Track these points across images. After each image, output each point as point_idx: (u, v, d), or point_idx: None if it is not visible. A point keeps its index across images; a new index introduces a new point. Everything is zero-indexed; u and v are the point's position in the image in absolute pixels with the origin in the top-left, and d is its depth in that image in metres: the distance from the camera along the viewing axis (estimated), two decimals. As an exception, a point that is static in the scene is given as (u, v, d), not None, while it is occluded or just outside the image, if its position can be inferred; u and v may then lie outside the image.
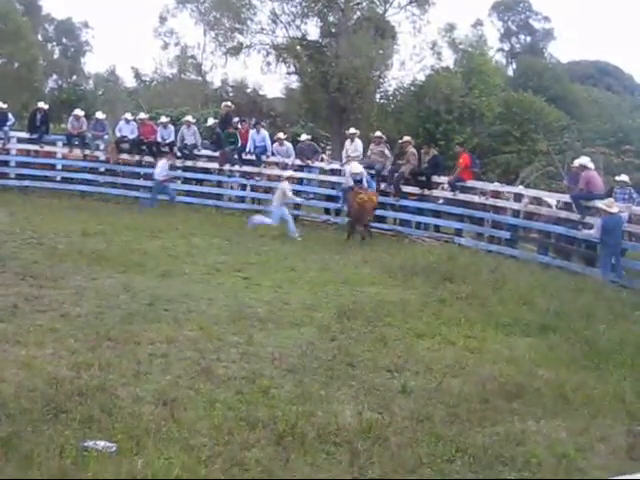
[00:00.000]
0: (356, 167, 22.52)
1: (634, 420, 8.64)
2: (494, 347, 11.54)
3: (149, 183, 25.52)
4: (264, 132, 26.27)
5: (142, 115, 27.69)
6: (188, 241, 18.76)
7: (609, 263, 17.68)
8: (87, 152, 26.56)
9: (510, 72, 52.78)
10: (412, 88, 39.77)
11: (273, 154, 25.46)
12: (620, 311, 14.30)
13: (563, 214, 20.00)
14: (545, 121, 40.43)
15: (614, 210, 17.67)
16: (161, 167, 24.53)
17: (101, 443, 6.86)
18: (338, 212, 24.19)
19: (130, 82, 54.59)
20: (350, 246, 19.88)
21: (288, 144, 25.87)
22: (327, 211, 25.07)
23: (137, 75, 50.80)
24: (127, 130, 26.49)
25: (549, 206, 20.77)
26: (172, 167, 25.56)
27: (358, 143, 24.55)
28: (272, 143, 25.68)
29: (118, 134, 26.62)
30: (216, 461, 6.84)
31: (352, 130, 25.17)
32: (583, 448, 7.86)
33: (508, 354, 11.16)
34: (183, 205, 24.78)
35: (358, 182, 22.08)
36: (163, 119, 27.21)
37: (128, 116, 27.36)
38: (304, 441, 7.36)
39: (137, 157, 26.29)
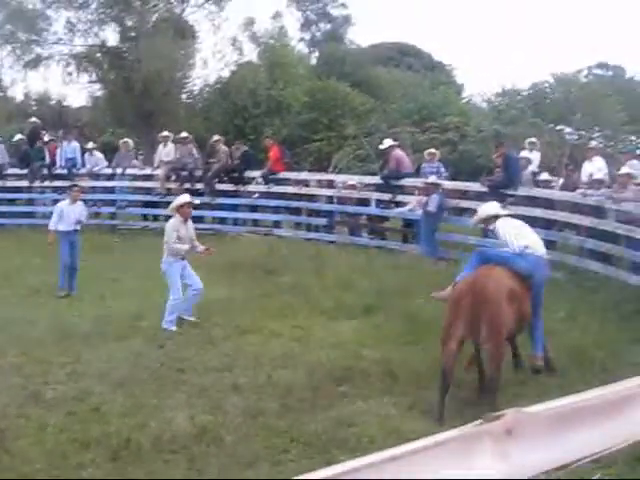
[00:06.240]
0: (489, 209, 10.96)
1: (457, 388, 9.08)
2: (320, 334, 11.83)
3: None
4: (75, 143, 25.61)
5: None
6: (4, 263, 18.18)
7: (430, 237, 18.27)
8: None
9: (313, 61, 53.40)
10: (217, 85, 39.81)
11: (84, 165, 24.90)
12: (438, 283, 14.84)
13: (375, 195, 20.57)
14: (351, 106, 41.13)
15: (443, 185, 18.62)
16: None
17: None
18: (156, 217, 23.85)
19: None
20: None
21: (98, 154, 25.35)
22: (145, 217, 24.80)
23: None
24: None
25: (360, 187, 21.35)
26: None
27: (170, 147, 24.29)
28: (82, 154, 25.13)
29: None
30: (53, 485, 6.82)
31: (165, 133, 24.79)
32: (412, 421, 8.22)
33: (334, 339, 11.48)
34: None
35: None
36: (-31, 137, 26.09)
37: None
38: (140, 453, 7.41)
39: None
